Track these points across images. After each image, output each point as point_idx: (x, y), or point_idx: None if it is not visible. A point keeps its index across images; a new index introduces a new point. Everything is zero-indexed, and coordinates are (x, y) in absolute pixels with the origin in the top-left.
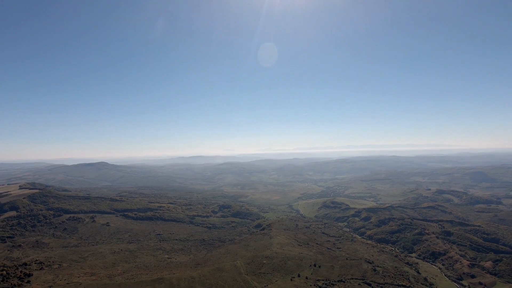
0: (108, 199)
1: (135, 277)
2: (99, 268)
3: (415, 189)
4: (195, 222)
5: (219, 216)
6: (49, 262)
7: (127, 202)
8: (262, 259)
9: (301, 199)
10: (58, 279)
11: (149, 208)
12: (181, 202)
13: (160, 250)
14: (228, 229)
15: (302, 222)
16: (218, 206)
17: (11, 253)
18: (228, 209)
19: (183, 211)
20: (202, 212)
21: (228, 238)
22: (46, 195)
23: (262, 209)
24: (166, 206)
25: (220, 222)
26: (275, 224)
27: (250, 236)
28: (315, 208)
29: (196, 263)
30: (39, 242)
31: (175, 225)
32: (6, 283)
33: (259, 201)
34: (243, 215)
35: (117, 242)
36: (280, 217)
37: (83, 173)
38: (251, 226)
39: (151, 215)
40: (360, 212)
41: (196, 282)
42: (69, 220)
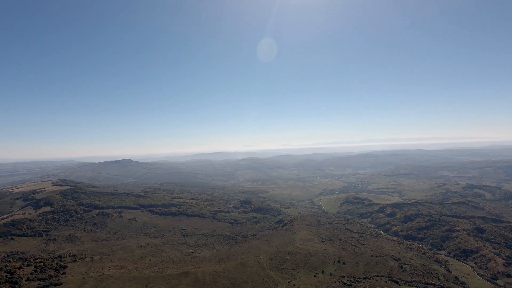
0: (134, 195)
1: (162, 270)
2: (127, 261)
3: (443, 184)
4: (217, 217)
5: (241, 211)
6: (81, 255)
7: (152, 198)
8: (285, 255)
9: (323, 195)
10: (90, 271)
11: (172, 203)
12: (203, 198)
13: (184, 244)
14: (250, 225)
15: (324, 218)
16: (240, 201)
17: (47, 246)
18: (249, 205)
19: (205, 207)
20: (224, 208)
21: (250, 234)
22: (76, 191)
23: (283, 204)
24: (189, 202)
25: (242, 217)
26: (297, 220)
27: (272, 232)
28: (337, 203)
29: (220, 258)
30: (72, 236)
31: (198, 220)
32: (44, 274)
33: (279, 196)
34: (265, 211)
35: (144, 237)
36: (301, 212)
37: (109, 170)
38: (272, 221)
39: (175, 211)
40: (385, 208)
41: (221, 277)
42: (99, 215)
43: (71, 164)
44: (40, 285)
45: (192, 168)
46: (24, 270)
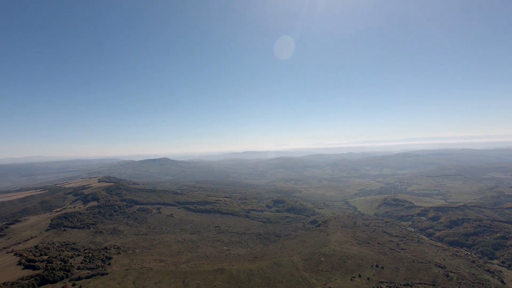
0: (171, 192)
1: (198, 266)
2: (166, 255)
3: (494, 186)
4: (250, 216)
5: (274, 211)
6: (124, 248)
7: (188, 195)
8: (320, 256)
9: (358, 196)
10: (133, 263)
11: (207, 201)
12: (236, 196)
13: (219, 241)
14: (283, 224)
15: (361, 220)
16: (272, 201)
17: (94, 238)
18: (282, 204)
19: (238, 205)
20: (257, 207)
21: (283, 233)
22: (119, 187)
23: (316, 205)
24: (222, 200)
25: (275, 217)
26: (331, 221)
27: (305, 232)
28: (374, 205)
29: (254, 256)
30: (116, 229)
31: (231, 219)
32: (92, 264)
33: (313, 196)
34: (298, 211)
35: (181, 233)
36: (336, 213)
37: (148, 168)
38: (306, 222)
39: (209, 208)
40: (427, 211)
41: (255, 275)
42: (139, 210)
43: (114, 162)
44: (89, 274)
45: (225, 167)
46: (75, 260)
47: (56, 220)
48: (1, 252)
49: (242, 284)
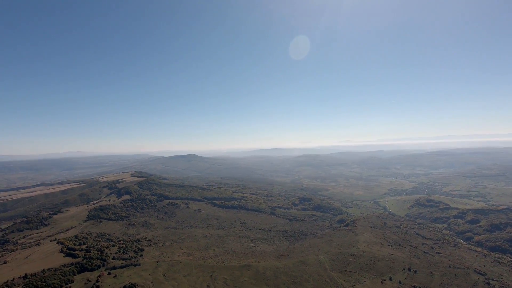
0: (198, 188)
1: (225, 261)
2: (194, 249)
3: None
4: (276, 213)
5: (300, 208)
6: (155, 240)
7: (215, 191)
8: (348, 257)
9: (389, 195)
10: (163, 256)
11: (233, 197)
12: (262, 193)
13: (245, 238)
14: (310, 223)
15: (391, 221)
16: (298, 198)
17: (128, 230)
18: (308, 202)
19: (264, 202)
20: (283, 204)
21: (310, 232)
22: (150, 182)
23: (344, 203)
24: (248, 197)
25: (301, 214)
26: (360, 221)
27: (333, 232)
28: (405, 205)
29: (280, 254)
30: (147, 222)
31: (257, 215)
32: (125, 255)
33: (340, 195)
34: (324, 209)
35: (208, 228)
36: (364, 213)
37: (177, 164)
38: (333, 221)
39: (235, 204)
40: (465, 214)
41: (281, 273)
42: (169, 205)
43: (145, 158)
44: (123, 264)
45: (251, 163)
46: (110, 250)
47: (93, 212)
48: (45, 240)
49: (268, 281)
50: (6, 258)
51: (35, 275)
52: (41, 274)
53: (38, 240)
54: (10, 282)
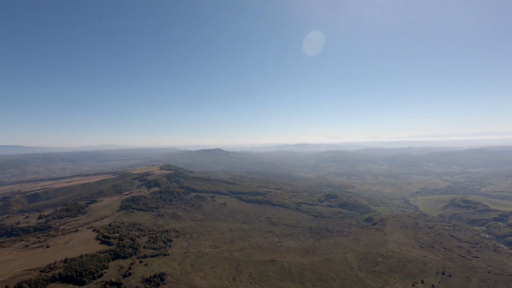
0: (224, 182)
1: (250, 255)
2: (220, 242)
3: None
4: (301, 209)
5: (325, 205)
6: (183, 232)
7: (240, 185)
8: (376, 257)
9: (420, 194)
10: (190, 247)
11: (258, 192)
12: (287, 189)
13: (270, 233)
14: (336, 220)
15: (423, 221)
16: (324, 195)
17: (157, 220)
18: (334, 199)
19: (289, 198)
20: (308, 200)
21: (336, 229)
22: (178, 175)
23: (372, 201)
24: (273, 192)
25: (327, 211)
26: (389, 220)
27: (360, 230)
28: (439, 206)
29: (305, 251)
30: (175, 214)
31: (282, 211)
32: (155, 245)
33: (368, 193)
34: (351, 207)
35: (233, 221)
36: (394, 212)
37: (203, 157)
38: (360, 219)
39: (260, 199)
40: (507, 216)
41: (307, 270)
42: (195, 198)
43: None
44: (153, 253)
45: (276, 158)
46: (141, 239)
47: (125, 202)
48: (82, 227)
49: (293, 277)
50: (49, 243)
51: (74, 259)
52: (79, 259)
53: (76, 227)
54: (53, 265)
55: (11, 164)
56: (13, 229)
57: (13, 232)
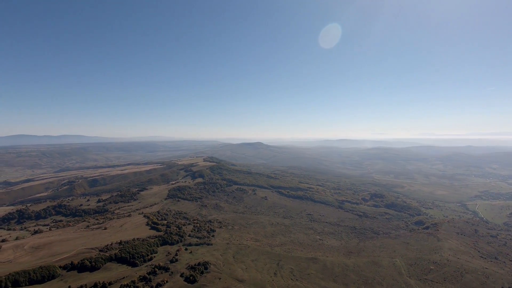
0: (265, 176)
1: (291, 251)
2: (261, 236)
3: None
4: (344, 207)
5: (370, 205)
6: (225, 223)
7: (281, 180)
8: (429, 264)
9: (480, 198)
10: (232, 239)
11: (299, 187)
12: (329, 186)
13: (311, 230)
14: (382, 221)
15: (484, 229)
16: (369, 194)
17: (201, 210)
18: (380, 199)
19: (331, 195)
20: (352, 198)
21: (382, 231)
22: (220, 167)
23: (423, 203)
24: (315, 188)
25: (372, 211)
26: (443, 225)
27: (409, 233)
28: (503, 212)
29: (349, 251)
30: (218, 205)
31: (324, 208)
32: (199, 234)
33: (418, 194)
34: (399, 208)
35: (274, 216)
36: (448, 216)
37: (244, 151)
38: (409, 221)
39: (301, 195)
40: None
41: (350, 271)
42: (237, 190)
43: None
44: (197, 242)
45: (317, 154)
46: (187, 227)
47: (172, 191)
48: (134, 212)
49: (336, 278)
50: (106, 225)
51: (127, 242)
52: (132, 242)
53: (129, 212)
54: (109, 246)
55: (74, 152)
56: (77, 211)
57: (76, 213)
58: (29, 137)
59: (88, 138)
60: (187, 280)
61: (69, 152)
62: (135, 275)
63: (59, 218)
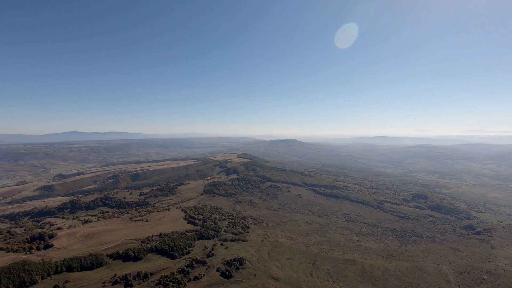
0: (299, 173)
1: (327, 251)
2: (295, 234)
3: None
4: (383, 208)
5: (412, 206)
6: (259, 220)
7: (315, 177)
8: (481, 273)
9: None
10: (267, 236)
11: (335, 186)
12: (366, 185)
13: (348, 230)
14: (425, 224)
15: None
16: (411, 194)
17: (235, 206)
18: (423, 200)
19: (369, 194)
20: (391, 199)
21: (425, 234)
22: (254, 164)
23: (472, 206)
24: (351, 187)
25: (414, 213)
26: (497, 230)
27: (457, 238)
28: None
29: (389, 254)
30: (252, 201)
31: (361, 208)
32: (234, 229)
33: (467, 195)
34: (445, 210)
35: (308, 214)
36: (504, 221)
37: (277, 148)
38: (457, 225)
39: (337, 193)
40: None
41: (392, 276)
42: (271, 187)
43: (248, 141)
44: (233, 238)
45: (353, 151)
46: (222, 223)
47: (207, 186)
48: (173, 206)
49: (376, 282)
50: (147, 217)
51: (166, 235)
52: (171, 235)
53: (168, 206)
54: (150, 238)
55: (118, 147)
56: (121, 203)
57: (121, 205)
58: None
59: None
60: (223, 275)
61: (113, 147)
62: (174, 267)
63: (105, 209)
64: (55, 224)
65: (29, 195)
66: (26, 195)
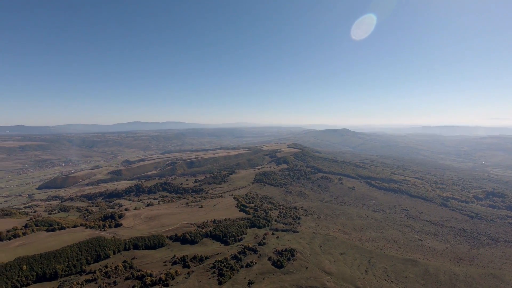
0: (352, 165)
1: (384, 248)
2: (349, 228)
3: None
4: (449, 205)
5: (486, 204)
6: (310, 211)
7: (370, 170)
8: None
9: None
10: (318, 228)
11: (392, 179)
12: (429, 179)
13: (407, 227)
14: (502, 226)
15: None
16: (484, 191)
17: (286, 196)
18: (500, 198)
19: (432, 190)
20: (459, 196)
21: (502, 238)
22: (305, 154)
23: None
24: (411, 181)
25: (488, 213)
26: None
27: None
28: None
29: (457, 257)
30: (302, 192)
31: (423, 204)
32: (285, 220)
33: None
34: None
35: (363, 208)
36: None
37: (328, 137)
38: None
39: (395, 187)
40: None
41: (461, 282)
42: (322, 178)
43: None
44: (284, 228)
45: (413, 142)
46: (273, 212)
47: (258, 176)
48: (225, 194)
49: (441, 287)
50: (202, 204)
51: (220, 221)
52: (224, 222)
53: (221, 193)
54: (205, 223)
55: (175, 136)
56: (178, 188)
57: (178, 190)
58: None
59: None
60: (274, 265)
61: (171, 136)
62: (227, 252)
63: (165, 194)
64: (123, 205)
65: (102, 178)
66: (100, 178)
